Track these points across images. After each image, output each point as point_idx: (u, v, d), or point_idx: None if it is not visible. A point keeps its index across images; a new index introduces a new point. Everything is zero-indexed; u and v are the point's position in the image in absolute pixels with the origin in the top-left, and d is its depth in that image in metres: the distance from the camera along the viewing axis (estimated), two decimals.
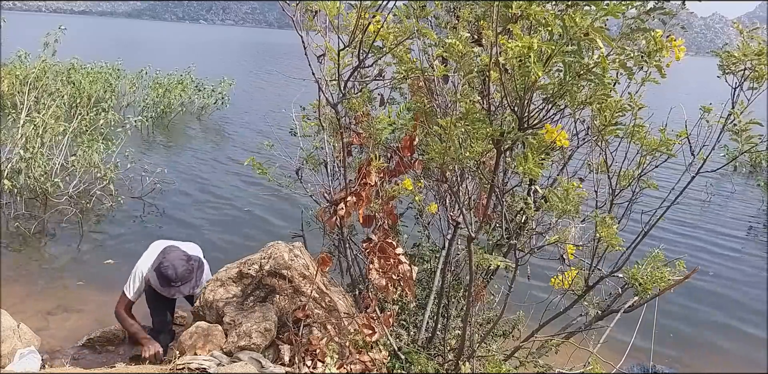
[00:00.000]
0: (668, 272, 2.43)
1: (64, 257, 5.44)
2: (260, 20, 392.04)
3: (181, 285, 3.21)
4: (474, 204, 2.79)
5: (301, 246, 3.30)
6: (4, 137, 6.38)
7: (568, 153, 2.73)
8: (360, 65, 2.41)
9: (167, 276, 3.15)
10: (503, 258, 2.62)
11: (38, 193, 6.38)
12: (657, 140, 2.31)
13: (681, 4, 2.04)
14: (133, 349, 3.84)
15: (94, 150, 6.67)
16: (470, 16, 2.49)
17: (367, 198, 2.79)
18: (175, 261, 3.19)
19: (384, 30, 2.36)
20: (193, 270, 3.25)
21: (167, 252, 3.27)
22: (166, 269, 3.15)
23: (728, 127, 2.29)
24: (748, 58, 2.09)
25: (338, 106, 2.59)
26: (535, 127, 1.89)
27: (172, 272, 3.14)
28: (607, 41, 1.57)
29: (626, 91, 2.26)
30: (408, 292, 2.79)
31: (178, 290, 3.22)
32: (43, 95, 8.10)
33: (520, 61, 1.68)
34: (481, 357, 2.80)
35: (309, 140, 3.44)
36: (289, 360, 2.81)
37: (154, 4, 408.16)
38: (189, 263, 3.23)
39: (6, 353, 3.02)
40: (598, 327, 2.76)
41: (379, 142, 2.85)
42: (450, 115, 2.20)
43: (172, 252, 3.26)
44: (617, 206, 2.50)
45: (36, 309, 4.33)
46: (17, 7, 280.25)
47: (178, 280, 3.18)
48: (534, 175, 1.90)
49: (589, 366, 2.44)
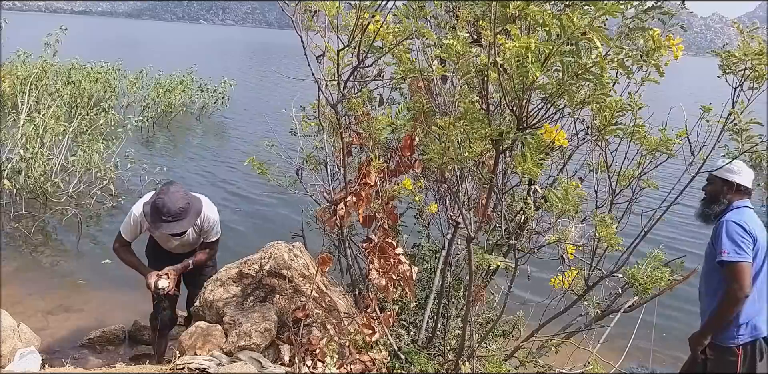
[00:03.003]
0: (668, 272, 2.43)
1: (64, 257, 5.45)
2: (260, 20, 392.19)
3: (172, 221, 2.99)
4: (474, 204, 2.79)
5: (301, 246, 3.30)
6: (4, 137, 6.38)
7: (568, 153, 2.73)
8: (359, 65, 2.41)
9: (158, 209, 2.97)
10: (503, 258, 2.62)
11: (38, 193, 6.39)
12: (657, 140, 2.31)
13: (681, 4, 2.04)
14: (134, 349, 3.85)
15: (94, 150, 6.67)
16: (470, 16, 2.49)
17: (367, 198, 2.79)
18: (172, 195, 3.00)
19: (383, 30, 2.36)
20: (188, 209, 3.05)
21: (168, 187, 3.08)
22: (160, 201, 2.97)
23: (728, 127, 2.29)
24: (748, 58, 2.09)
25: (338, 106, 2.59)
26: (534, 126, 1.89)
27: (166, 206, 2.96)
28: (605, 41, 1.57)
29: (626, 90, 2.26)
30: (408, 292, 2.79)
31: (168, 226, 3.00)
32: (44, 95, 8.11)
33: (518, 61, 1.68)
34: (481, 357, 2.80)
35: (309, 140, 3.43)
36: (289, 360, 2.81)
37: (154, 4, 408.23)
38: (185, 201, 3.04)
39: (6, 353, 3.02)
40: (598, 327, 2.76)
41: (379, 142, 2.85)
42: (449, 115, 2.20)
43: (172, 187, 3.07)
44: (617, 206, 2.50)
45: (36, 309, 4.33)
46: (17, 7, 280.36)
47: (169, 215, 2.97)
48: (533, 175, 1.90)
49: (589, 366, 2.44)
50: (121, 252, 3.30)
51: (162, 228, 3.03)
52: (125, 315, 4.28)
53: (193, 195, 3.19)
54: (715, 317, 2.62)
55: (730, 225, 2.60)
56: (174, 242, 3.36)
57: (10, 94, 9.14)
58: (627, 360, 3.11)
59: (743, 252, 2.53)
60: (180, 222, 3.04)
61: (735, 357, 2.66)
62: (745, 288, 2.52)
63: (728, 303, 2.55)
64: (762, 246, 2.64)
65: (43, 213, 6.24)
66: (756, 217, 2.70)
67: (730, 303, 2.54)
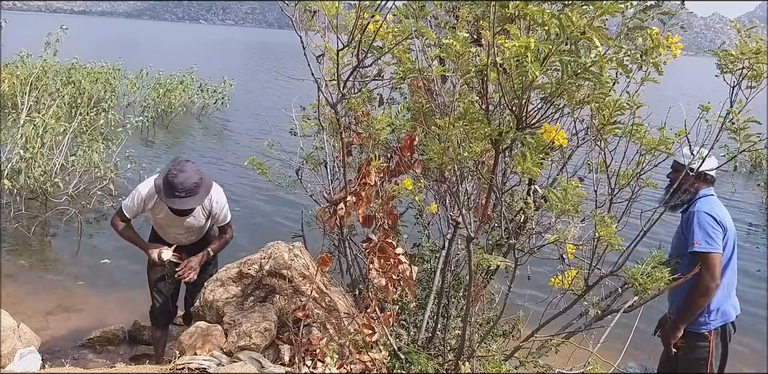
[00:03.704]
0: (667, 272, 2.42)
1: (63, 257, 5.45)
2: (260, 20, 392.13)
3: (185, 197, 3.00)
4: (474, 204, 2.79)
5: (301, 246, 3.30)
6: (4, 137, 6.38)
7: (568, 152, 2.73)
8: (359, 65, 2.41)
9: (172, 185, 2.96)
10: (503, 258, 2.63)
11: (38, 193, 6.39)
12: (656, 139, 2.31)
13: (681, 4, 2.04)
14: (133, 349, 3.85)
15: (94, 150, 6.68)
16: (469, 16, 2.49)
17: (367, 198, 2.79)
18: (185, 170, 3.01)
19: (383, 30, 2.36)
20: (201, 185, 3.06)
21: (180, 163, 3.08)
22: (173, 176, 2.97)
23: (727, 126, 2.29)
24: (745, 57, 2.09)
25: (338, 106, 2.59)
26: (534, 126, 1.89)
27: (180, 181, 2.96)
28: (604, 40, 1.57)
29: (625, 90, 2.26)
30: (408, 292, 2.79)
31: (181, 201, 3.01)
32: (44, 95, 8.11)
33: (517, 60, 1.68)
34: (481, 357, 2.80)
35: (309, 140, 3.43)
36: (289, 360, 2.81)
37: (154, 4, 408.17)
38: (198, 176, 3.05)
39: (6, 353, 3.02)
40: (598, 327, 2.76)
41: (379, 142, 2.85)
42: (449, 115, 2.20)
43: (185, 163, 3.07)
44: (616, 205, 2.50)
45: (36, 309, 4.34)
46: (17, 7, 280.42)
47: (183, 191, 2.97)
48: (533, 175, 1.90)
49: (589, 366, 2.44)
50: (120, 227, 3.29)
51: (175, 203, 3.03)
52: (125, 315, 4.29)
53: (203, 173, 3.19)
54: (688, 307, 2.68)
55: (702, 215, 2.65)
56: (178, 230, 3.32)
57: (10, 94, 9.15)
58: (627, 360, 3.11)
59: (714, 243, 2.61)
60: (193, 198, 3.05)
61: (707, 342, 2.74)
62: (716, 278, 2.60)
63: (700, 293, 2.62)
64: (731, 235, 2.70)
65: (43, 213, 6.24)
66: (723, 206, 2.76)
67: (702, 293, 2.61)
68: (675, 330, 2.74)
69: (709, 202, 2.73)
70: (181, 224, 3.30)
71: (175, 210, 3.17)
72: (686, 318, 2.70)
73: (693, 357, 2.76)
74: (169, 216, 3.24)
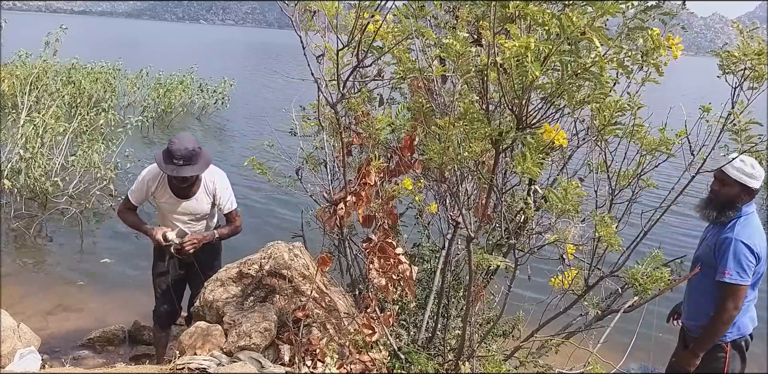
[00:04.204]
0: (667, 272, 2.43)
1: (63, 257, 5.45)
2: (260, 20, 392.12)
3: (184, 165, 3.08)
4: (474, 204, 2.79)
5: (301, 246, 3.30)
6: (4, 137, 6.38)
7: (568, 153, 2.73)
8: (359, 65, 2.41)
9: (171, 153, 3.06)
10: (503, 259, 2.62)
11: (38, 193, 6.38)
12: (656, 140, 2.31)
13: (681, 4, 2.04)
14: (134, 349, 3.85)
15: (94, 150, 6.67)
16: (469, 16, 2.49)
17: (367, 198, 2.79)
18: (183, 139, 3.11)
19: (383, 30, 2.36)
20: (199, 154, 3.15)
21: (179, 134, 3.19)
22: (172, 143, 3.07)
23: (728, 127, 2.29)
24: (747, 58, 2.09)
25: (338, 106, 2.59)
26: (534, 126, 1.89)
27: (177, 148, 3.04)
28: (605, 40, 1.57)
29: (626, 90, 2.26)
30: (408, 292, 2.79)
31: (180, 169, 3.08)
32: (44, 95, 8.11)
33: (517, 60, 1.68)
34: (481, 357, 2.80)
35: (309, 140, 3.43)
36: (289, 360, 2.81)
37: (154, 4, 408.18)
38: (196, 145, 3.14)
39: (6, 353, 3.02)
40: (598, 327, 2.76)
41: (379, 141, 2.85)
42: (449, 114, 2.20)
43: (183, 134, 3.20)
44: (616, 206, 2.50)
45: (36, 309, 4.33)
46: (17, 7, 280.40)
47: (181, 158, 3.06)
48: (533, 175, 1.90)
49: (589, 366, 2.44)
50: (125, 213, 3.35)
51: (174, 171, 3.09)
52: (125, 315, 4.28)
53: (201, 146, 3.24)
54: (709, 336, 2.66)
55: (739, 246, 2.53)
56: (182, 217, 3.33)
57: (10, 94, 9.14)
58: (628, 359, 3.10)
59: (746, 275, 2.53)
60: (192, 166, 3.11)
61: (724, 353, 2.72)
62: (739, 308, 2.57)
63: (722, 322, 2.59)
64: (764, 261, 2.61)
65: (43, 212, 6.24)
66: (759, 224, 2.65)
67: (725, 322, 2.59)
68: (694, 357, 2.70)
69: (749, 226, 2.59)
70: (186, 210, 3.34)
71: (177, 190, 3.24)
72: (707, 346, 2.67)
73: (709, 366, 2.73)
74: (172, 200, 3.29)
